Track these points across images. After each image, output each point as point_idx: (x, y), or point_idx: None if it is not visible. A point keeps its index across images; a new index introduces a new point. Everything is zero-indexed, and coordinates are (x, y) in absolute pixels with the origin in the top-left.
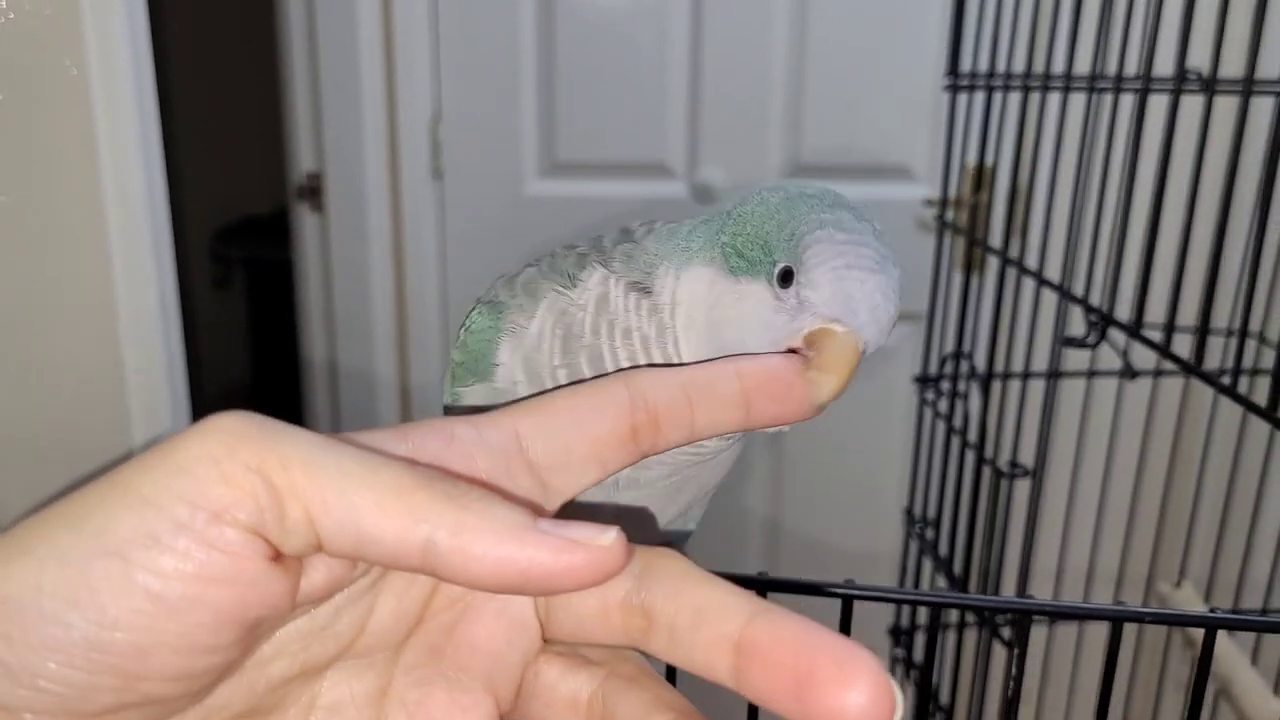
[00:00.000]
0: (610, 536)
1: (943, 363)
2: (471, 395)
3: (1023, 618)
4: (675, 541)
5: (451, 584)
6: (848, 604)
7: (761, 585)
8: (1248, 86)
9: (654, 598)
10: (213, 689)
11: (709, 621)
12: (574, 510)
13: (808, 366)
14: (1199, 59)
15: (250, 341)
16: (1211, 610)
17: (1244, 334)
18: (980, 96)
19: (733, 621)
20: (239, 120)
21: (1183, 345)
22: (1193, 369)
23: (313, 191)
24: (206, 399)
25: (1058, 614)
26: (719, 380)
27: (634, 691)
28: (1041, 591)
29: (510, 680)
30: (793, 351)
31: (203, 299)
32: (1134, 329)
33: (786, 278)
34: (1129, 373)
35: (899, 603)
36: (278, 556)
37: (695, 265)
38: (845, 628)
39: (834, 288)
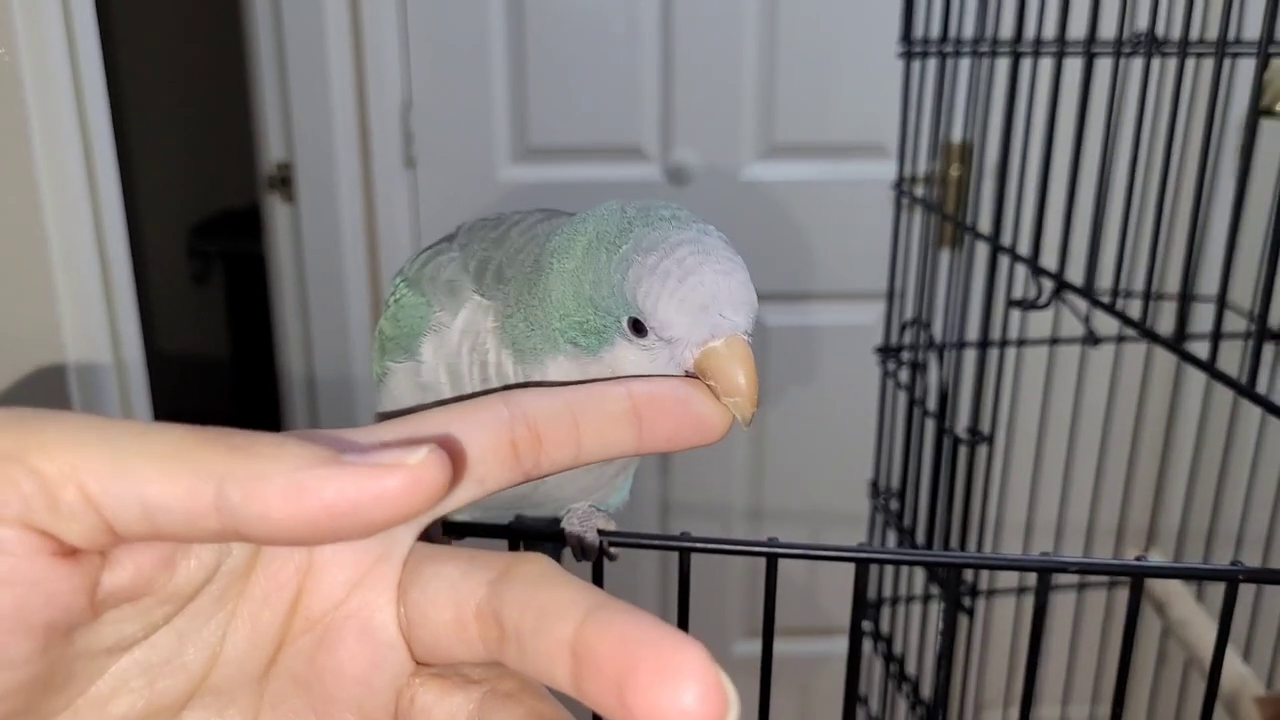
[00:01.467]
0: (420, 454)
1: (902, 330)
2: (400, 372)
3: (951, 570)
4: (603, 509)
5: (262, 543)
6: (772, 562)
7: (684, 547)
8: (1183, 48)
9: (504, 604)
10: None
11: (548, 625)
12: None
13: (717, 394)
14: (1157, 22)
15: (230, 335)
16: (1138, 559)
17: (1185, 295)
18: (937, 65)
19: (569, 623)
20: (213, 112)
21: (1136, 310)
22: (1141, 328)
23: (283, 182)
24: (187, 395)
25: (985, 566)
26: (607, 398)
27: (508, 708)
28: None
29: (383, 707)
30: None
31: (182, 294)
32: (1085, 290)
33: (639, 327)
34: (1091, 339)
35: (819, 559)
36: (68, 551)
37: (554, 363)
38: (770, 586)
39: (685, 312)
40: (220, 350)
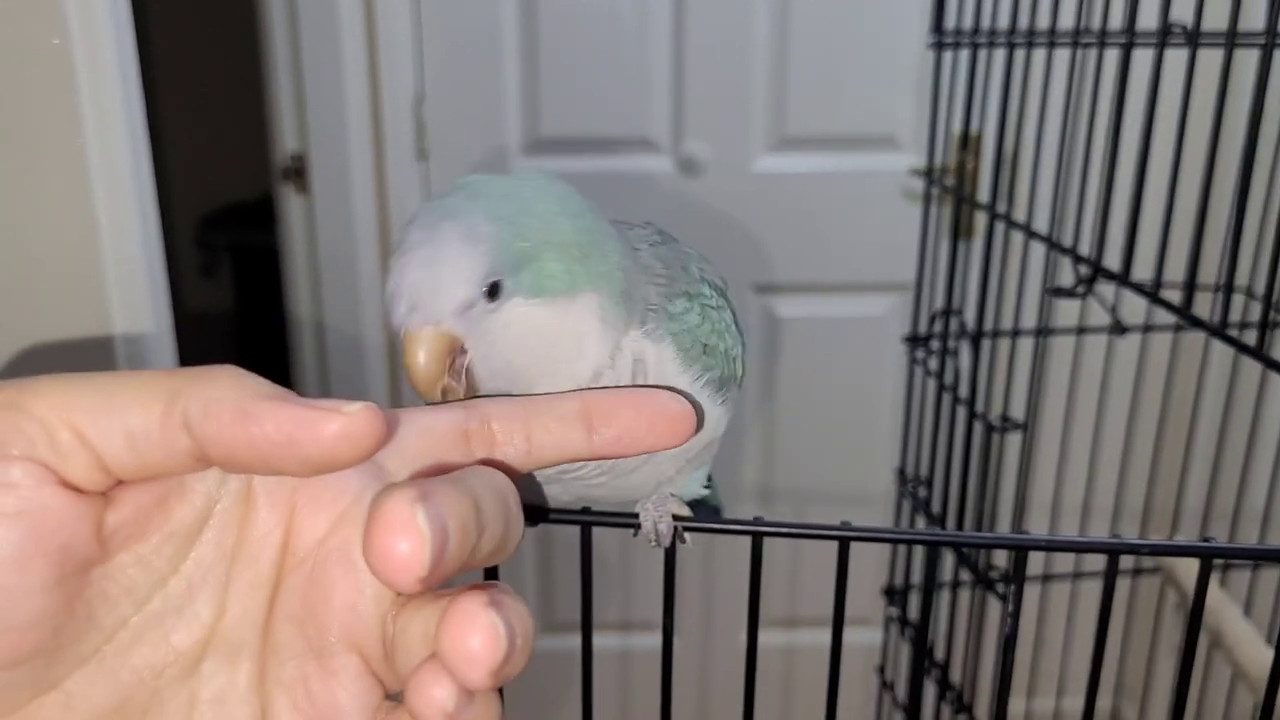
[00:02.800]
0: (355, 406)
1: (932, 320)
2: None
3: (1019, 552)
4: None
5: (222, 465)
6: (844, 546)
7: (757, 532)
8: (1230, 39)
9: None
10: (54, 658)
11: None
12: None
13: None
14: (1183, 12)
15: (238, 328)
16: (1205, 540)
17: (1230, 284)
18: (966, 55)
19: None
20: (222, 105)
21: (1172, 299)
22: (1183, 313)
23: (297, 173)
24: None
25: (1053, 548)
26: (560, 402)
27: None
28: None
29: (371, 634)
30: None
31: (189, 287)
32: (1123, 277)
33: None
34: (1118, 328)
35: (894, 542)
36: (74, 488)
37: None
38: (842, 571)
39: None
40: (228, 343)
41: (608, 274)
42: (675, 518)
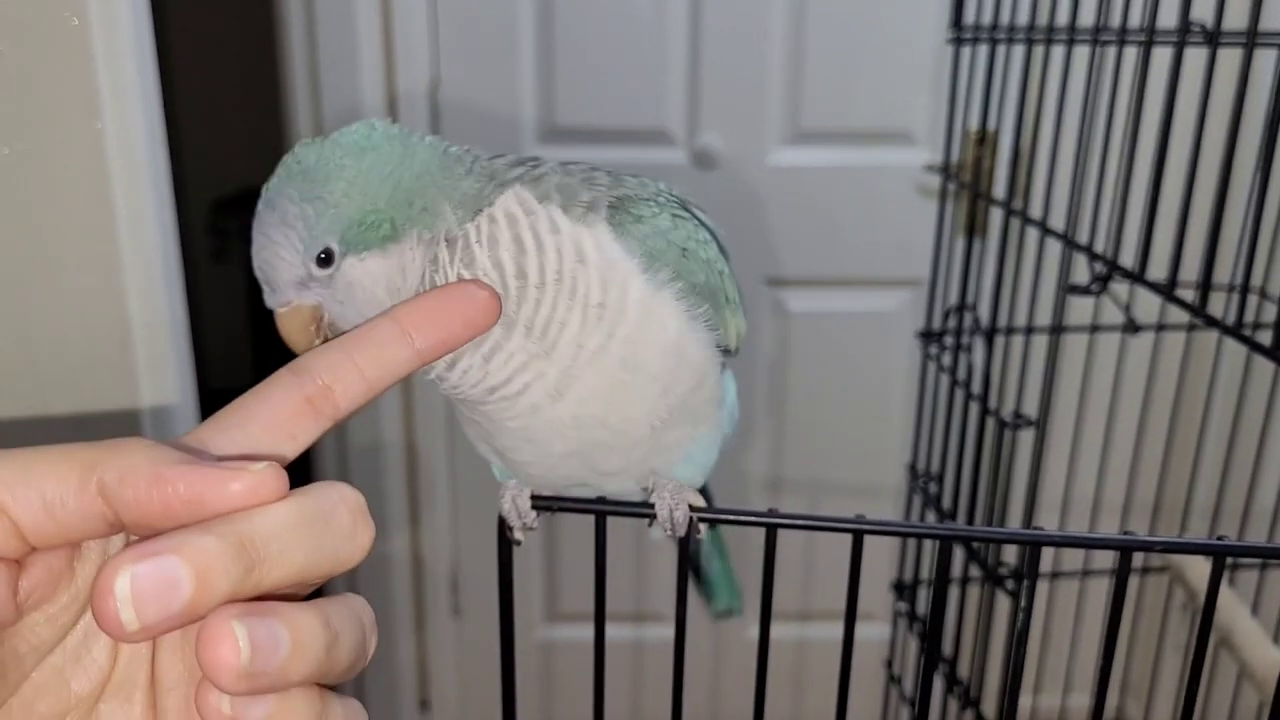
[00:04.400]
0: (261, 464)
1: (946, 316)
2: None
3: (1032, 548)
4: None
5: (131, 527)
6: (858, 539)
7: (771, 523)
8: (1251, 39)
9: None
10: None
11: None
12: None
13: None
14: (1203, 11)
15: (249, 313)
16: (1219, 538)
17: (1246, 285)
18: (984, 51)
19: None
20: (235, 89)
21: (1186, 299)
22: (1198, 312)
23: None
24: (207, 372)
25: (1067, 543)
26: (375, 329)
27: None
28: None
29: None
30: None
31: (201, 271)
32: (1139, 276)
33: None
34: (1131, 327)
35: (908, 535)
36: None
37: None
38: (856, 563)
39: None
40: (240, 329)
41: (432, 208)
42: (691, 508)
